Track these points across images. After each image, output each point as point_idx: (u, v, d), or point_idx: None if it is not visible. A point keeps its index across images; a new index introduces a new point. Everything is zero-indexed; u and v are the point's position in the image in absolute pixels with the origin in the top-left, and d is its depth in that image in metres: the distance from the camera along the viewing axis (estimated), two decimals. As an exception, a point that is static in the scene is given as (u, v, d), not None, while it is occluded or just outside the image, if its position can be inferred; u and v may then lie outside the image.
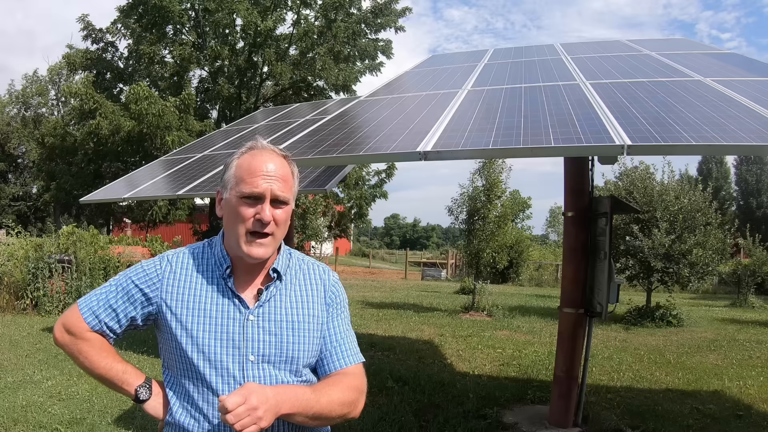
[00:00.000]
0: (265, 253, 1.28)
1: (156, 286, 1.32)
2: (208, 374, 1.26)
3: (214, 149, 7.26)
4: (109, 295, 1.34)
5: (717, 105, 3.34)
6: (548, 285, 19.35)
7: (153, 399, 1.35)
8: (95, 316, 1.32)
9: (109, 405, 4.46)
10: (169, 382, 1.34)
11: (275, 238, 1.29)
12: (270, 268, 1.34)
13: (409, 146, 3.09)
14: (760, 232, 15.62)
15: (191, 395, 1.28)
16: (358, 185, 17.33)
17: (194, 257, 1.36)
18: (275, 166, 1.28)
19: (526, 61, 5.90)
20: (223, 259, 1.33)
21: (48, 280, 8.87)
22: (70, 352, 1.34)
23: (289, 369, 1.31)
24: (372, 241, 67.09)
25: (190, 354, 1.26)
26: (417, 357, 6.66)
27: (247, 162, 1.29)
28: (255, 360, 1.27)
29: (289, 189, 1.31)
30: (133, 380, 1.34)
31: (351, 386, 1.33)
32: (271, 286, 1.33)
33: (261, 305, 1.31)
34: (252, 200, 1.26)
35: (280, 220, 1.28)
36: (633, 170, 10.51)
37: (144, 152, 15.24)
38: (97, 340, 1.34)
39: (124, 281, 1.34)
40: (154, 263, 1.36)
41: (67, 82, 23.33)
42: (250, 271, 1.34)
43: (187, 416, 1.29)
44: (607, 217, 3.90)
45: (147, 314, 1.34)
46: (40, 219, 30.23)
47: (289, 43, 16.53)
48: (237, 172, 1.29)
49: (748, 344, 8.04)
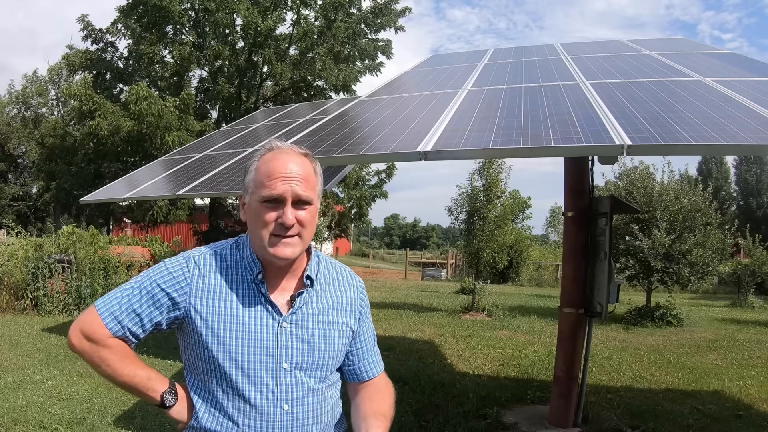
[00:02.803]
0: (292, 254, 1.25)
1: (185, 290, 1.26)
2: (240, 382, 1.23)
3: (214, 149, 7.26)
4: (132, 299, 1.26)
5: (717, 105, 3.34)
6: (548, 285, 19.34)
7: (178, 404, 1.31)
8: (117, 321, 1.25)
9: (109, 405, 4.46)
10: (194, 386, 1.31)
11: (302, 239, 1.26)
12: (303, 274, 1.32)
13: (409, 146, 3.08)
14: (760, 232, 15.62)
15: (220, 401, 1.25)
16: (358, 185, 17.32)
17: (222, 259, 1.31)
18: (296, 166, 1.24)
19: (526, 61, 5.90)
20: (254, 264, 1.29)
21: (48, 280, 8.86)
22: (90, 360, 1.27)
23: (318, 376, 1.31)
24: (372, 241, 67.09)
25: (222, 362, 1.23)
26: (417, 357, 6.66)
27: (266, 164, 1.25)
28: (288, 368, 1.26)
29: (312, 188, 1.27)
30: (158, 386, 1.30)
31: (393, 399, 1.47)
32: (304, 293, 1.30)
33: (294, 312, 1.28)
34: (274, 203, 1.22)
35: (305, 221, 1.25)
36: (633, 170, 10.50)
37: (144, 152, 15.23)
38: (119, 347, 1.27)
39: (149, 284, 1.27)
40: (180, 265, 1.29)
41: (67, 82, 23.32)
42: (282, 276, 1.31)
43: (214, 422, 1.26)
44: (607, 217, 3.90)
45: (173, 318, 1.28)
46: (40, 219, 30.22)
47: (289, 43, 16.52)
48: (256, 175, 1.26)
49: (748, 344, 8.04)
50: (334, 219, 20.01)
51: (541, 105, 3.79)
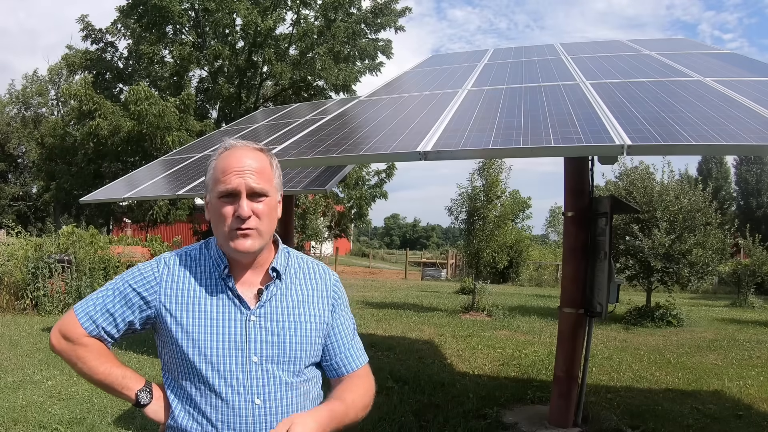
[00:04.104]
0: (251, 246, 1.26)
1: (154, 289, 1.30)
2: (211, 377, 1.24)
3: (214, 149, 7.25)
4: (106, 300, 1.32)
5: (717, 105, 3.34)
6: (548, 285, 19.34)
7: (154, 403, 1.33)
8: (92, 321, 1.30)
9: (109, 405, 4.46)
10: (170, 385, 1.33)
11: (260, 231, 1.27)
12: (269, 267, 1.33)
13: (409, 146, 3.08)
14: (760, 232, 15.61)
15: (193, 398, 1.27)
16: (358, 185, 17.33)
17: (192, 259, 1.35)
18: (249, 160, 1.27)
19: (526, 61, 5.90)
20: (221, 260, 1.31)
21: (48, 280, 8.87)
22: (68, 359, 1.32)
23: (292, 369, 1.30)
24: (372, 241, 67.08)
25: (192, 357, 1.25)
26: (417, 357, 6.66)
27: (222, 161, 1.29)
28: (258, 361, 1.26)
29: (267, 180, 1.28)
30: (133, 385, 1.32)
31: (368, 390, 1.41)
32: (271, 286, 1.31)
33: (262, 305, 1.29)
34: (230, 198, 1.25)
35: (261, 213, 1.26)
36: (633, 170, 10.51)
37: (144, 152, 15.25)
38: (95, 346, 1.31)
39: (121, 285, 1.32)
40: (151, 266, 1.34)
41: (67, 82, 23.32)
42: (249, 270, 1.32)
43: (189, 419, 1.27)
44: (607, 217, 3.90)
45: (145, 318, 1.32)
46: (40, 219, 30.24)
47: (289, 43, 16.53)
48: (214, 173, 1.29)
49: (748, 344, 8.04)
50: (334, 219, 20.02)
51: (541, 105, 3.79)
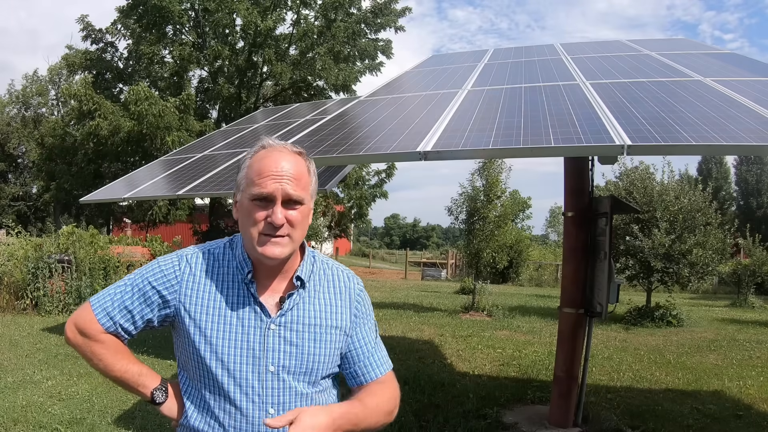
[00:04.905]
0: (281, 253, 1.21)
1: (174, 288, 1.27)
2: (226, 383, 1.22)
3: (214, 149, 7.26)
4: (124, 296, 1.28)
5: (717, 105, 3.34)
6: (548, 285, 19.34)
7: (169, 401, 1.32)
8: (110, 317, 1.27)
9: (109, 405, 4.46)
10: (184, 384, 1.31)
11: (292, 239, 1.23)
12: (294, 275, 1.29)
13: (409, 146, 3.08)
14: (760, 232, 15.62)
15: (207, 402, 1.25)
16: (358, 185, 17.31)
17: (215, 258, 1.30)
18: (288, 165, 1.21)
19: (527, 61, 5.90)
20: (245, 263, 1.27)
21: (48, 280, 8.87)
22: (83, 353, 1.30)
23: (308, 380, 1.27)
24: (372, 241, 67.07)
25: (209, 362, 1.23)
26: (417, 357, 6.66)
27: (258, 162, 1.23)
28: (275, 371, 1.24)
29: (304, 188, 1.23)
30: (149, 383, 1.31)
31: (392, 396, 1.37)
32: (294, 294, 1.28)
33: (283, 314, 1.26)
34: (264, 202, 1.20)
35: (295, 221, 1.22)
36: (633, 170, 10.51)
37: (144, 152, 15.22)
38: (112, 342, 1.29)
39: (140, 281, 1.28)
40: (172, 263, 1.30)
41: (67, 82, 23.32)
42: (273, 277, 1.29)
43: (202, 422, 1.26)
44: (607, 217, 3.90)
45: (164, 316, 1.29)
46: (40, 219, 30.21)
47: (289, 43, 16.51)
48: (248, 173, 1.24)
49: (748, 344, 8.04)
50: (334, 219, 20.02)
51: (541, 105, 3.79)
